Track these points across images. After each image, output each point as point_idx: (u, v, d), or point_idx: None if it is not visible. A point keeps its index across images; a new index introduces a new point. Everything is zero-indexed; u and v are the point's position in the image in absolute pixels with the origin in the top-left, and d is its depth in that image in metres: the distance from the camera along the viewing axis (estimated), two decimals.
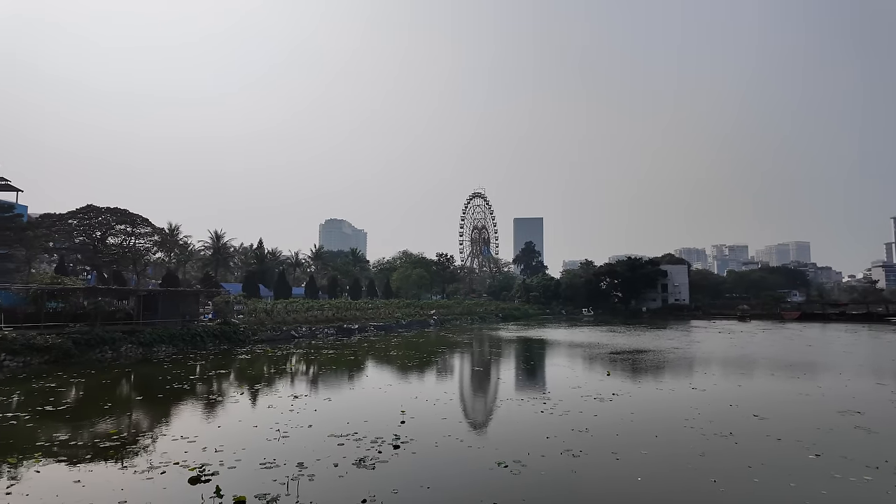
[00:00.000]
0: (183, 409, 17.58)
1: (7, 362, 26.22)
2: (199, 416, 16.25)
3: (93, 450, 12.25)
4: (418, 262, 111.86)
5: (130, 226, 55.49)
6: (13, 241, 42.36)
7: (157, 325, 36.00)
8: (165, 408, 17.74)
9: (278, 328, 45.55)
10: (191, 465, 10.78)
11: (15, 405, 17.44)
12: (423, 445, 12.62)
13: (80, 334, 30.41)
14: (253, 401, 18.20)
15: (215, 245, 77.55)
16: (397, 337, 47.99)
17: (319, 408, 16.67)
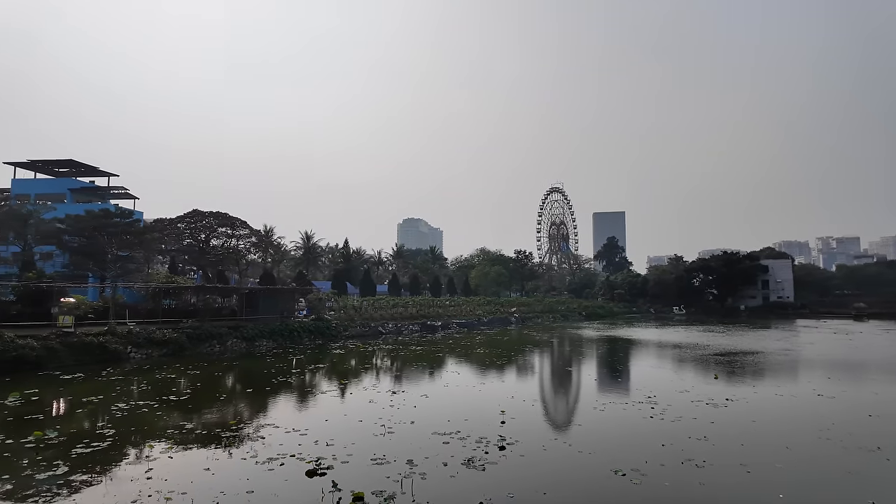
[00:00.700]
0: (290, 401, 18.37)
1: (133, 354, 28.89)
2: (306, 410, 16.86)
3: (215, 439, 13.01)
4: (496, 259, 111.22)
5: (231, 228, 59.54)
6: (133, 245, 46.84)
7: (258, 321, 38.26)
8: (274, 400, 18.64)
9: (367, 324, 46.94)
10: (306, 458, 11.10)
11: (144, 394, 19.05)
12: (531, 448, 12.21)
13: (192, 329, 32.94)
14: (353, 395, 18.66)
15: (306, 245, 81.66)
16: (480, 334, 47.83)
17: (418, 404, 16.74)
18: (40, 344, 25.39)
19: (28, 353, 24.49)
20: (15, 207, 49.12)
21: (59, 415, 16.18)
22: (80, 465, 10.92)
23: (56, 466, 10.72)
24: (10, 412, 15.88)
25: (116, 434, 13.29)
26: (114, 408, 16.34)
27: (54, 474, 10.29)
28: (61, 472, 10.39)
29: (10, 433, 13.15)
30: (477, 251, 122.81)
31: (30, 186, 58.75)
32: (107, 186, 61.92)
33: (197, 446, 12.35)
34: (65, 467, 10.66)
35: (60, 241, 44.39)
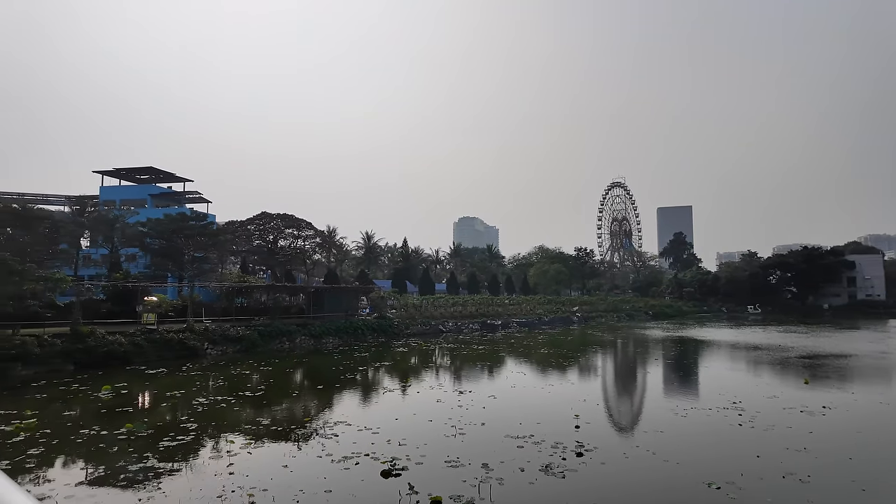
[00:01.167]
0: (359, 399, 18.52)
1: (209, 350, 30.32)
2: (376, 408, 16.92)
3: (291, 435, 13.23)
4: (555, 257, 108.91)
5: (296, 229, 61.61)
6: (208, 246, 49.40)
7: (324, 319, 39.26)
8: (343, 397, 18.88)
9: (427, 323, 47.15)
10: (380, 457, 11.02)
11: (221, 390, 19.83)
12: (611, 455, 11.58)
13: (264, 327, 34.21)
14: (421, 394, 18.57)
15: (366, 245, 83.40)
16: (542, 334, 46.86)
17: (487, 405, 16.40)
18: (127, 340, 27.09)
19: (117, 348, 26.21)
20: (103, 213, 53.05)
21: (147, 408, 17.10)
22: (167, 457, 11.37)
23: (146, 458, 11.20)
24: (104, 405, 16.93)
25: (199, 428, 13.81)
26: (195, 402, 17.07)
27: (144, 466, 10.75)
28: (151, 465, 10.85)
29: (104, 425, 13.96)
30: (535, 249, 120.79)
31: (115, 193, 63.27)
32: (183, 191, 65.73)
33: (274, 442, 12.59)
34: (154, 459, 11.12)
35: (143, 243, 47.42)
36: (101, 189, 63.21)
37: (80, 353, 24.94)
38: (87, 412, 15.88)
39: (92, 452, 11.86)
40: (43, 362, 23.67)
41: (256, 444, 12.21)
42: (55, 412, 15.89)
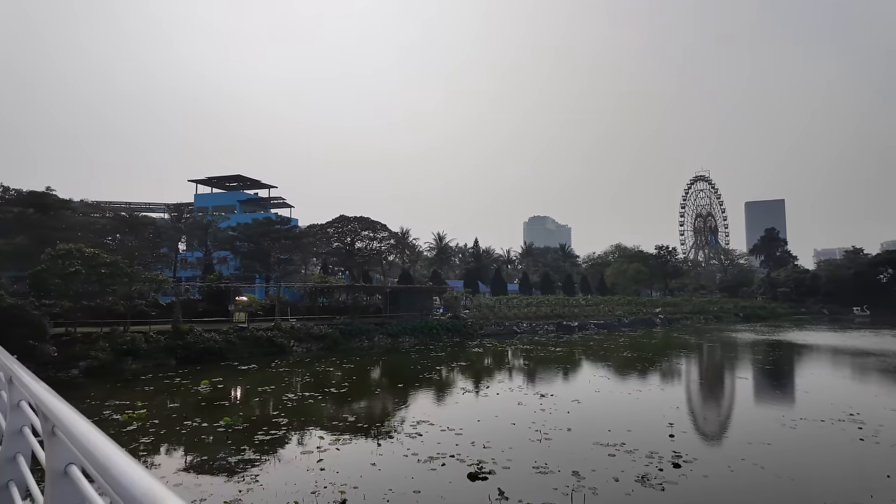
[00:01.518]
0: (439, 398, 18.50)
1: (295, 347, 31.70)
2: (456, 408, 16.81)
3: (376, 433, 13.40)
4: (634, 255, 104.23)
5: (372, 231, 63.23)
6: (292, 249, 51.96)
7: (400, 319, 39.95)
8: (424, 396, 18.97)
9: (501, 323, 46.70)
10: (466, 459, 10.85)
11: (308, 386, 20.58)
12: (713, 468, 10.72)
13: (344, 325, 35.32)
14: (500, 396, 18.26)
15: (438, 245, 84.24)
16: (622, 336, 44.95)
17: (571, 410, 15.80)
18: (221, 337, 28.90)
19: (213, 345, 28.01)
20: (198, 219, 57.23)
21: (241, 402, 18.01)
22: (262, 450, 11.86)
23: (243, 450, 11.74)
24: (203, 398, 18.06)
25: (289, 423, 14.33)
26: (284, 398, 17.80)
27: (242, 458, 11.27)
28: (248, 457, 11.35)
29: (204, 417, 14.85)
30: (611, 247, 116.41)
31: (208, 200, 68.13)
32: (267, 197, 69.57)
33: (360, 439, 12.79)
34: (251, 453, 11.63)
35: (233, 246, 50.66)
36: (195, 197, 68.26)
37: (181, 349, 26.91)
38: (189, 404, 16.99)
39: (195, 443, 12.61)
40: (149, 357, 25.76)
41: (344, 441, 12.46)
42: (161, 403, 17.15)
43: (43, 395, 2.24)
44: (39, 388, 2.38)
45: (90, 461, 1.36)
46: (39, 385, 2.49)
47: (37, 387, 2.44)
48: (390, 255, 66.09)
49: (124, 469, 1.18)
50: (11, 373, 3.34)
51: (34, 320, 22.06)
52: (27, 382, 2.72)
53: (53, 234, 35.26)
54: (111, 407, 15.94)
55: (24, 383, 2.88)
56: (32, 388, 2.51)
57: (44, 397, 2.19)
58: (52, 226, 37.41)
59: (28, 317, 21.90)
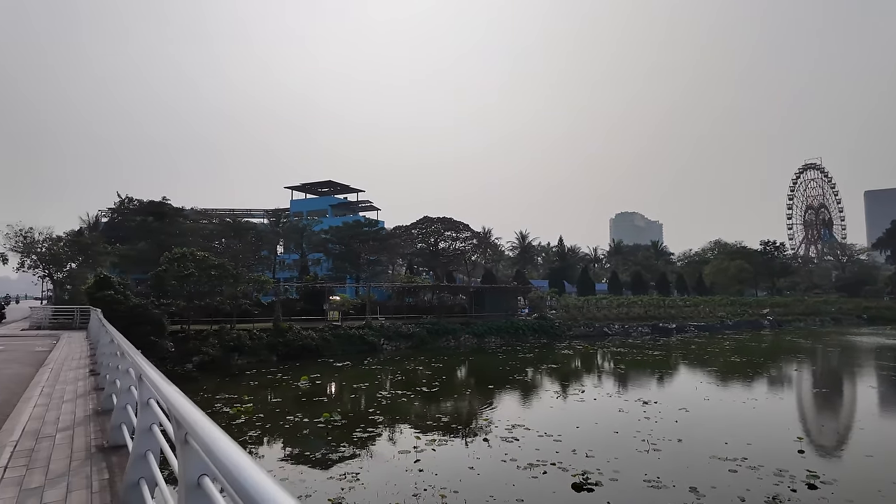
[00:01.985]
0: (533, 401, 17.92)
1: (385, 345, 32.41)
2: (553, 413, 16.16)
3: (471, 435, 13.13)
4: (736, 252, 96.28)
5: (455, 231, 63.49)
6: (379, 250, 53.43)
7: (485, 319, 39.65)
8: (516, 398, 18.49)
9: (590, 324, 44.94)
10: (568, 468, 10.26)
11: (400, 384, 20.80)
12: (858, 491, 9.33)
13: (431, 325, 35.61)
14: (599, 401, 17.34)
15: (521, 244, 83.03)
16: (726, 339, 41.50)
17: (679, 419, 14.60)
18: (318, 335, 30.16)
19: (310, 342, 29.30)
20: (293, 223, 60.53)
21: (338, 398, 18.52)
22: (361, 447, 12.00)
23: (343, 447, 11.94)
24: (303, 393, 18.80)
25: (385, 421, 14.46)
26: (378, 395, 18.09)
27: (343, 455, 11.44)
28: (348, 453, 11.51)
29: (305, 412, 15.38)
30: (710, 244, 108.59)
31: (302, 205, 71.89)
32: (356, 200, 72.21)
33: (455, 441, 12.58)
34: (350, 449, 11.81)
35: (326, 248, 52.95)
36: (291, 202, 72.31)
37: (282, 346, 28.39)
38: (290, 399, 17.74)
39: (297, 438, 13.03)
40: (253, 353, 27.40)
41: (440, 442, 12.30)
42: (265, 398, 18.06)
43: (175, 398, 2.15)
44: (171, 392, 2.30)
45: (224, 474, 1.30)
46: (171, 388, 2.41)
47: (169, 390, 2.37)
48: (473, 254, 66.00)
49: (259, 485, 1.14)
50: (141, 371, 3.39)
51: (155, 318, 24.20)
52: (158, 385, 2.70)
53: (169, 239, 38.74)
54: (221, 400, 17.00)
55: (154, 384, 2.87)
56: (164, 390, 2.42)
57: (176, 402, 2.09)
58: (168, 232, 41.12)
59: (150, 315, 24.06)
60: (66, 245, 34.90)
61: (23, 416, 6.05)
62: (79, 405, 6.70)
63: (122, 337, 6.51)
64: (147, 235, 40.51)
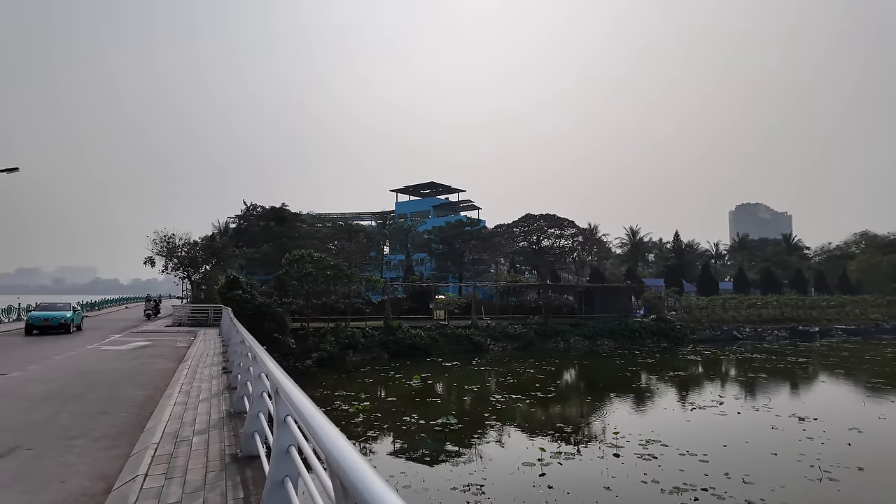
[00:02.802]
0: (664, 413, 16.18)
1: (491, 346, 31.75)
2: (690, 427, 14.44)
3: (600, 448, 11.96)
4: (888, 245, 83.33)
5: (559, 228, 61.31)
6: (481, 249, 53.01)
7: (596, 320, 37.53)
8: (643, 408, 16.86)
9: (717, 327, 40.86)
10: (725, 496, 8.81)
11: (512, 387, 19.99)
12: None
13: (538, 325, 34.36)
14: (743, 416, 15.23)
15: (631, 241, 78.19)
16: (887, 346, 35.54)
17: (852, 441, 12.27)
18: (426, 334, 30.27)
19: (419, 341, 29.48)
20: (399, 224, 62.13)
21: (451, 399, 18.08)
22: (480, 455, 11.37)
23: (462, 454, 11.40)
24: (416, 392, 18.66)
25: (502, 427, 13.74)
26: (492, 398, 17.42)
27: (464, 462, 10.88)
28: (468, 461, 10.93)
29: (421, 413, 15.11)
30: (854, 236, 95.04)
31: (406, 207, 73.69)
32: (457, 201, 72.55)
33: (584, 454, 11.51)
34: (471, 456, 11.23)
35: (430, 248, 53.59)
36: (396, 205, 74.44)
37: (392, 344, 28.84)
38: (405, 398, 17.64)
39: (416, 441, 12.71)
40: (366, 350, 28.11)
41: (566, 455, 11.30)
42: (381, 396, 18.15)
43: (313, 418, 1.85)
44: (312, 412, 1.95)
45: None
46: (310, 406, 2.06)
47: (311, 410, 2.00)
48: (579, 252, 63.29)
49: None
50: (278, 384, 2.96)
51: (279, 316, 25.59)
52: (296, 401, 2.29)
53: (289, 242, 41.25)
54: (340, 397, 17.32)
55: (291, 400, 2.44)
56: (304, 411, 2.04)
57: (314, 422, 1.80)
58: (288, 235, 43.88)
59: (274, 313, 25.49)
60: (201, 249, 38.44)
61: (164, 415, 6.12)
62: (213, 405, 6.72)
63: (253, 340, 6.42)
64: (269, 238, 43.52)
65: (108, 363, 11.39)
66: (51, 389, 8.17)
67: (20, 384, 8.66)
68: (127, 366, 11.01)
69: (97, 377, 9.50)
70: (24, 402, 7.27)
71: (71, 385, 8.63)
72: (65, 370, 10.30)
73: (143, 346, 15.23)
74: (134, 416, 6.56)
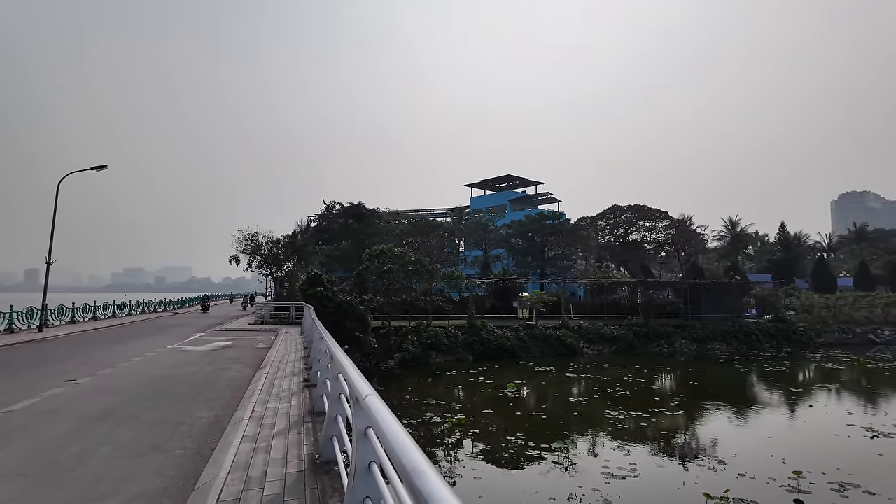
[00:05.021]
0: (841, 442, 12.78)
1: (585, 349, 28.83)
2: (885, 462, 11.11)
3: (780, 486, 9.11)
4: None
5: (649, 220, 56.68)
6: (565, 243, 49.78)
7: (702, 321, 33.45)
8: (812, 434, 13.52)
9: (847, 329, 35.32)
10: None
11: (626, 401, 17.21)
12: None
13: (638, 327, 30.95)
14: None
15: (731, 233, 71.23)
16: None
17: None
18: (513, 335, 27.93)
19: (505, 342, 27.20)
20: (475, 220, 60.05)
21: (558, 415, 15.49)
22: (622, 494, 8.91)
23: (597, 490, 9.01)
24: (514, 404, 16.38)
25: (642, 460, 11.09)
26: (607, 415, 14.79)
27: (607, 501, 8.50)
28: (608, 492, 8.53)
29: (528, 433, 12.78)
30: None
31: (481, 202, 71.48)
32: (535, 194, 69.38)
33: (759, 498, 8.73)
34: (615, 496, 8.81)
35: (508, 244, 51.10)
36: (471, 200, 72.46)
37: (477, 345, 26.75)
38: (502, 411, 15.43)
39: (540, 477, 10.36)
40: (449, 351, 26.22)
41: (736, 500, 8.57)
42: (474, 406, 16.03)
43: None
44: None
45: None
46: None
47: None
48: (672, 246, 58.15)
49: None
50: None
51: (360, 315, 24.27)
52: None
53: (367, 238, 40.39)
54: (430, 407, 15.41)
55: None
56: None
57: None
58: (366, 232, 43.11)
59: (355, 311, 24.19)
60: (283, 247, 38.44)
61: (226, 459, 4.31)
62: (291, 443, 4.86)
63: (338, 347, 4.52)
64: (348, 235, 42.97)
65: (183, 368, 10.12)
66: (108, 406, 6.75)
67: (81, 396, 7.37)
68: (201, 372, 9.64)
69: (165, 387, 8.10)
70: (71, 425, 5.82)
71: (133, 399, 7.21)
72: (135, 376, 9.06)
73: (222, 347, 14.11)
74: (190, 454, 4.84)
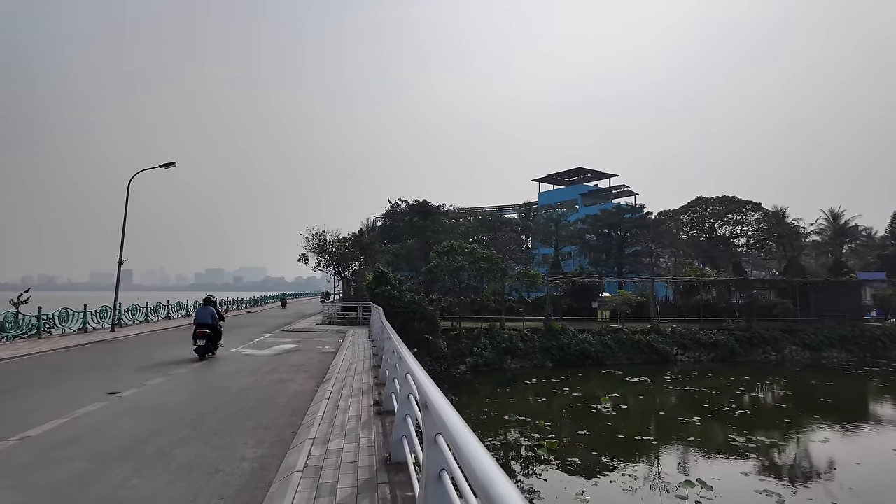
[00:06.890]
0: None
1: (679, 356, 25.77)
2: None
3: None
4: None
5: (739, 213, 51.68)
6: (646, 239, 46.12)
7: (814, 324, 29.26)
8: None
9: None
10: None
11: (744, 421, 14.48)
12: None
13: (741, 331, 27.40)
14: None
15: (834, 226, 63.90)
16: None
17: None
18: (595, 339, 25.41)
19: (588, 347, 24.74)
20: (544, 216, 57.24)
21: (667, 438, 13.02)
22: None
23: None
24: (613, 424, 14.12)
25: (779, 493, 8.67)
26: (732, 441, 12.20)
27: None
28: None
29: (633, 461, 10.58)
30: None
31: (549, 197, 68.36)
32: (608, 187, 65.52)
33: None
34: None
35: (583, 240, 48.07)
36: (538, 195, 69.53)
37: (556, 350, 24.47)
38: (599, 432, 13.23)
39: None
40: (525, 357, 24.14)
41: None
42: (565, 426, 13.93)
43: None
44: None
45: None
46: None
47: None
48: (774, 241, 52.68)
49: None
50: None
51: (430, 316, 22.74)
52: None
53: (433, 236, 39.00)
54: (512, 424, 13.49)
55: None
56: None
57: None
58: (432, 229, 41.75)
59: (425, 312, 22.68)
60: (350, 245, 37.83)
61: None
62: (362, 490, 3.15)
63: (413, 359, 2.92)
64: (414, 234, 41.79)
65: (240, 378, 8.83)
66: (138, 435, 5.39)
67: (113, 418, 6.11)
68: (258, 385, 8.29)
69: (214, 406, 6.74)
70: (79, 466, 4.45)
71: (171, 424, 5.84)
72: (184, 391, 7.82)
73: (286, 351, 12.95)
74: None
